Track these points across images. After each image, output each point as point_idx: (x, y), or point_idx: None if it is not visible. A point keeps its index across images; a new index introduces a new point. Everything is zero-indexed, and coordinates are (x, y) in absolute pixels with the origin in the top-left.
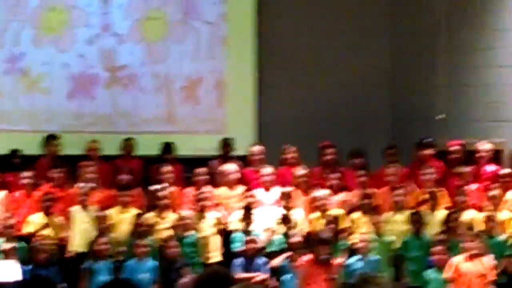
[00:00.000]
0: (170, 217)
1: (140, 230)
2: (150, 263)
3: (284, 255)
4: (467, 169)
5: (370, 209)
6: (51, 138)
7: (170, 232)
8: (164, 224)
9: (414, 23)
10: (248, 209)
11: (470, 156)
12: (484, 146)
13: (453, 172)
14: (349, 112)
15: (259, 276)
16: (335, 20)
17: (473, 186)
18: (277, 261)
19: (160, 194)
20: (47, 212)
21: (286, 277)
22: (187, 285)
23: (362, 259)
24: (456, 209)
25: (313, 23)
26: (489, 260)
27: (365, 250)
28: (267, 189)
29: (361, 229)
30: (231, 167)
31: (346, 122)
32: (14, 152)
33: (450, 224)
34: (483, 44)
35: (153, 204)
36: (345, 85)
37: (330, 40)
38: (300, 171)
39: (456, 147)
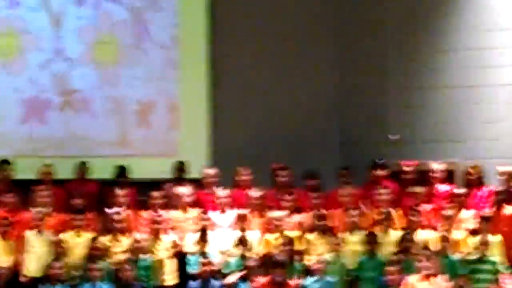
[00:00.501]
0: (125, 241)
1: (95, 253)
2: (105, 287)
3: (240, 273)
4: (420, 189)
5: (325, 230)
6: (3, 163)
7: (125, 256)
8: (119, 247)
9: (362, 45)
10: (203, 231)
11: (423, 176)
12: (438, 166)
13: (407, 192)
14: (300, 135)
15: None
16: (285, 44)
17: (427, 206)
18: (232, 278)
19: (114, 217)
20: (2, 237)
21: None
22: None
23: (319, 280)
24: (410, 229)
25: (264, 47)
26: (443, 280)
27: (321, 271)
28: (222, 211)
29: (316, 250)
30: (185, 190)
31: (298, 145)
32: None
33: (404, 244)
34: (432, 65)
35: (108, 227)
36: (296, 108)
37: (280, 64)
38: (256, 193)
39: (410, 168)
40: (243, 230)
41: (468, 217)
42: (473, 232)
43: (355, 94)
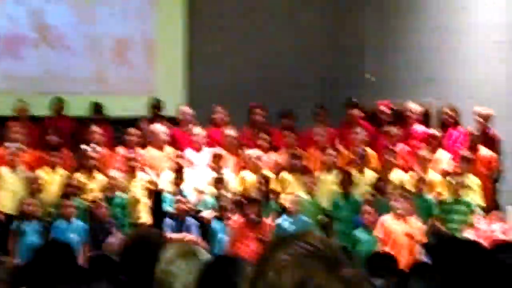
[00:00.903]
0: (100, 178)
1: (70, 190)
2: (79, 224)
3: (213, 211)
4: (395, 129)
5: (299, 169)
6: None
7: (100, 193)
8: (94, 184)
9: None
10: (179, 169)
11: (400, 117)
12: (414, 106)
13: (382, 132)
14: (278, 75)
15: (189, 236)
16: None
17: (403, 147)
18: (206, 214)
19: (90, 154)
20: None
21: (219, 237)
22: (115, 245)
23: (293, 219)
24: (385, 169)
25: None
26: (416, 221)
27: (296, 211)
28: (197, 150)
29: (292, 189)
30: (160, 128)
31: (276, 84)
32: None
33: (379, 184)
34: (411, 7)
35: (83, 164)
36: (274, 47)
37: (261, 2)
38: (231, 131)
39: (385, 108)
40: (219, 168)
41: (444, 158)
42: (448, 174)
43: (333, 35)
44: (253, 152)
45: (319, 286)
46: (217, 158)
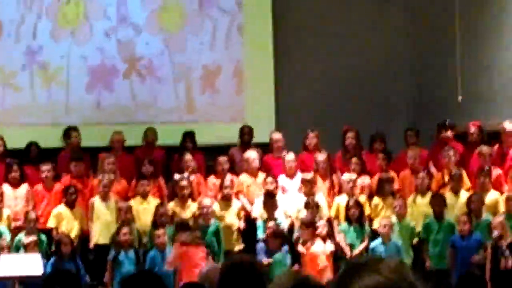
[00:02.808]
0: (193, 206)
1: (164, 220)
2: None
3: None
4: (488, 149)
5: (391, 193)
6: (71, 130)
7: (192, 221)
8: (187, 213)
9: (431, 6)
10: (270, 196)
11: (493, 137)
12: (509, 125)
13: (472, 153)
14: (369, 96)
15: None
16: (352, 4)
17: (497, 170)
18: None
19: (182, 183)
20: (70, 205)
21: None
22: (210, 274)
23: (385, 243)
24: (480, 190)
25: (329, 8)
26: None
27: (388, 234)
28: (290, 176)
29: (383, 213)
30: (252, 155)
31: (366, 107)
32: (30, 146)
33: (472, 206)
34: (500, 27)
35: (176, 193)
36: (364, 69)
37: (349, 25)
38: (321, 156)
39: (474, 128)
40: (309, 194)
41: None
42: None
43: (424, 55)
44: (347, 177)
45: None
46: (308, 182)
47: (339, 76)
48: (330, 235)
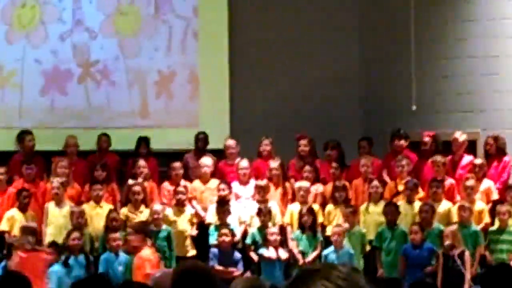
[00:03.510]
0: (146, 212)
1: (115, 224)
2: (125, 256)
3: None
4: (442, 158)
5: (344, 201)
6: (24, 133)
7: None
8: (139, 218)
9: (385, 14)
10: (223, 202)
11: (444, 147)
12: (460, 136)
13: (426, 163)
14: (320, 105)
15: (236, 271)
16: (305, 14)
17: (449, 180)
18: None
19: (135, 188)
20: (22, 209)
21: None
22: (162, 279)
23: (337, 251)
24: (434, 200)
25: (284, 17)
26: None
27: (340, 242)
28: (243, 182)
29: (336, 221)
30: (207, 161)
31: (318, 115)
32: None
33: (424, 215)
34: (453, 35)
35: (129, 198)
36: (316, 78)
37: (301, 34)
38: (274, 163)
39: (428, 138)
40: (262, 201)
41: (489, 187)
42: (495, 202)
43: (377, 64)
44: (300, 184)
45: None
46: (261, 189)
47: (294, 83)
48: (282, 242)
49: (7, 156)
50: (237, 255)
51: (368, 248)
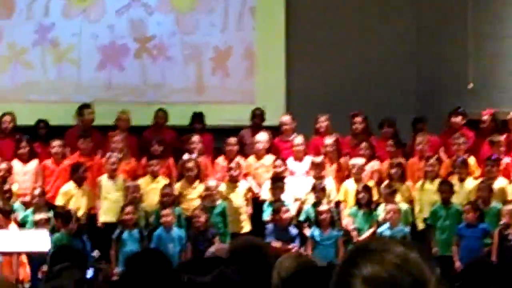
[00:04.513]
0: (200, 187)
1: (169, 199)
2: (178, 232)
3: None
4: (499, 137)
5: (400, 178)
6: (84, 107)
7: (199, 202)
8: (194, 194)
9: None
10: (278, 179)
11: (503, 126)
12: None
13: (484, 141)
14: (380, 83)
15: (293, 247)
16: None
17: (505, 157)
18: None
19: (190, 164)
20: (78, 183)
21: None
22: (218, 254)
23: (392, 228)
24: (488, 178)
25: None
26: None
27: (395, 220)
28: (298, 159)
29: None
30: (262, 137)
31: (375, 93)
32: (39, 122)
33: (481, 193)
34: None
35: (183, 174)
36: (373, 55)
37: (358, 12)
38: (329, 139)
39: (486, 117)
40: (318, 177)
41: None
42: None
43: (434, 43)
44: (354, 161)
45: None
46: (316, 166)
47: (350, 61)
48: (335, 220)
49: (63, 130)
50: (294, 230)
51: (421, 226)
